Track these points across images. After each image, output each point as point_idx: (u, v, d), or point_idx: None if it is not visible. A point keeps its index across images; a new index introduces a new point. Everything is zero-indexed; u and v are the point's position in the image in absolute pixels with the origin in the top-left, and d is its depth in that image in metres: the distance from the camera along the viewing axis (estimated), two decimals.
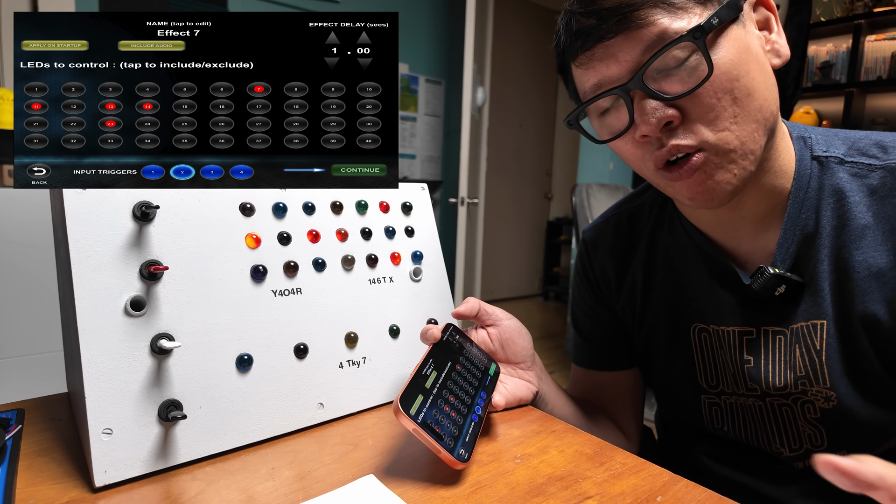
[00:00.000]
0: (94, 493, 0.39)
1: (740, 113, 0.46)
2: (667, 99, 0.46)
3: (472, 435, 0.44)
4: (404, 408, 0.40)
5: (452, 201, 2.76)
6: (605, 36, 0.46)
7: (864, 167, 0.50)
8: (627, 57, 0.46)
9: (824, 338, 0.51)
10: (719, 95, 0.45)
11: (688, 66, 0.45)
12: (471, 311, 0.56)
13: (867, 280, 0.48)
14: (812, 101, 3.32)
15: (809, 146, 0.53)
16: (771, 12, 0.50)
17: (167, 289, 0.44)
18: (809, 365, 0.52)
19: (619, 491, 0.41)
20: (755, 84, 0.46)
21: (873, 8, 3.09)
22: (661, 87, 0.46)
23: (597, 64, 0.48)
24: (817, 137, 0.54)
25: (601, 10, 0.46)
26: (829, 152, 0.52)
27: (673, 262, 0.62)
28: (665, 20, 0.44)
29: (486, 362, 0.54)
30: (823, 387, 0.52)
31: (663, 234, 0.64)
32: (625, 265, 0.67)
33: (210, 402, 0.44)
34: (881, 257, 0.48)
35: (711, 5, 0.45)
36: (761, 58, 0.48)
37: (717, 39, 0.45)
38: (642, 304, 0.65)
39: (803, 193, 0.52)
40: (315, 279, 0.52)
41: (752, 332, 0.56)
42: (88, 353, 0.39)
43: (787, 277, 0.51)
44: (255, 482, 0.41)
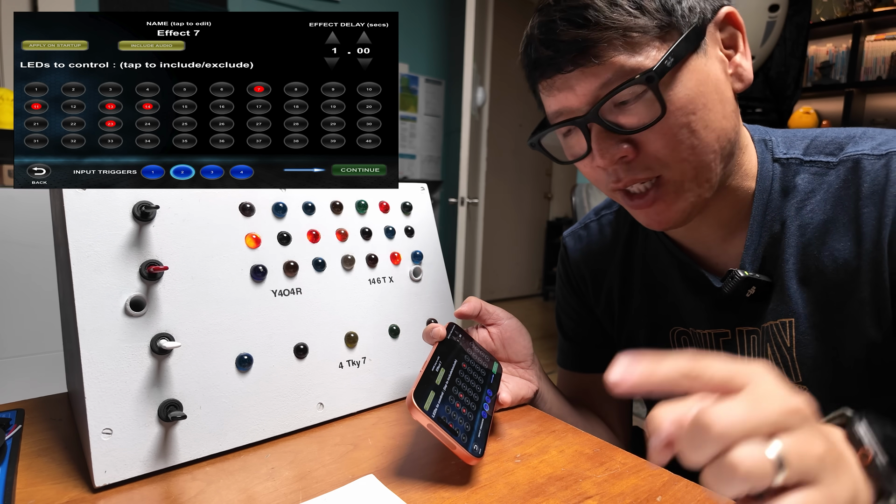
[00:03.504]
0: (93, 493, 0.39)
1: (698, 145, 0.47)
2: (623, 132, 0.46)
3: (483, 431, 0.44)
4: (419, 403, 0.40)
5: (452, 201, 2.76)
6: (564, 68, 0.47)
7: (823, 165, 0.51)
8: (584, 90, 0.47)
9: (793, 335, 0.52)
10: (675, 130, 0.46)
11: (644, 101, 0.45)
12: (473, 311, 0.56)
13: (836, 272, 0.49)
14: (812, 101, 3.32)
15: (770, 149, 0.54)
16: (739, 30, 0.49)
17: (167, 289, 0.44)
18: (781, 362, 0.53)
19: (618, 491, 0.41)
20: (712, 115, 0.47)
21: (873, 8, 3.09)
22: (618, 120, 0.47)
23: (556, 93, 0.49)
24: (777, 139, 0.54)
25: (559, 42, 0.46)
26: (788, 154, 0.53)
27: (649, 266, 0.63)
28: (622, 57, 0.44)
29: (489, 361, 0.54)
30: (795, 382, 0.53)
31: (639, 239, 0.65)
32: (602, 269, 0.68)
33: (210, 402, 0.44)
34: (845, 248, 0.49)
35: (671, 37, 0.45)
36: (721, 85, 0.48)
37: (675, 75, 0.45)
38: (621, 309, 0.67)
39: (766, 195, 0.53)
40: (315, 279, 0.52)
41: (727, 334, 0.57)
42: (88, 353, 0.39)
43: (756, 279, 0.52)
44: (255, 482, 0.41)
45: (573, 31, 0.45)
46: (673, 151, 0.47)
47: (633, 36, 0.44)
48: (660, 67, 0.44)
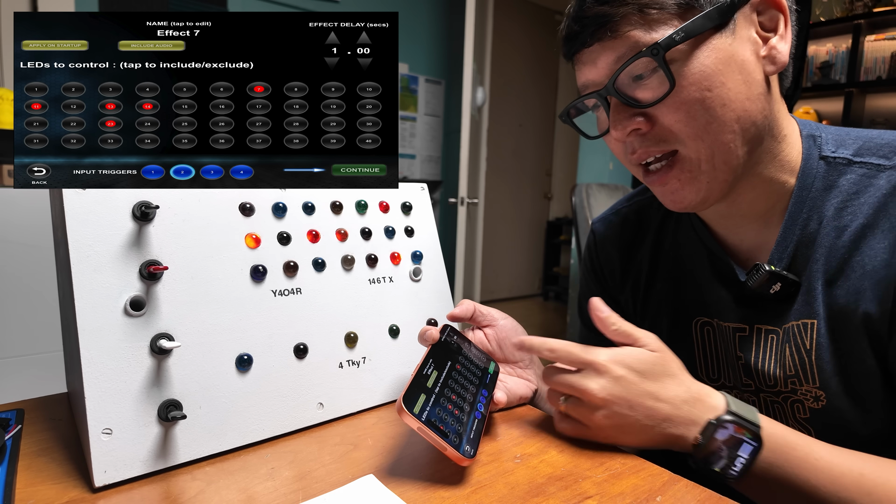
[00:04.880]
0: (93, 493, 0.39)
1: (713, 122, 0.47)
2: (639, 106, 0.48)
3: (476, 432, 0.44)
4: (408, 407, 0.40)
5: (452, 201, 2.76)
6: (587, 42, 0.49)
7: (874, 167, 0.50)
8: (604, 64, 0.49)
9: (814, 337, 0.51)
10: (688, 105, 0.46)
11: (658, 75, 0.46)
12: (465, 314, 0.56)
13: (861, 279, 0.48)
14: (812, 101, 3.32)
15: (819, 145, 0.53)
16: (781, 12, 0.49)
17: (167, 289, 0.44)
18: (799, 364, 0.52)
19: (618, 491, 0.41)
20: (733, 94, 0.46)
21: (873, 8, 3.08)
22: (634, 94, 0.48)
23: (582, 67, 0.52)
24: (828, 137, 0.53)
25: (585, 17, 0.49)
26: (837, 153, 0.52)
27: (679, 253, 0.63)
28: (638, 32, 0.46)
29: (486, 361, 0.54)
30: (813, 386, 0.52)
31: (671, 225, 0.64)
32: (631, 255, 0.68)
33: (210, 402, 0.44)
34: (877, 255, 0.48)
35: (692, 16, 0.45)
36: (749, 66, 0.47)
37: (691, 51, 0.46)
38: (645, 295, 0.66)
39: (807, 193, 0.52)
40: (315, 279, 0.52)
41: (744, 330, 0.56)
42: (88, 353, 0.39)
43: (783, 275, 0.51)
44: (254, 482, 0.41)
45: (597, 7, 0.47)
46: (686, 126, 0.47)
47: (651, 12, 0.46)
48: (666, 41, 0.44)
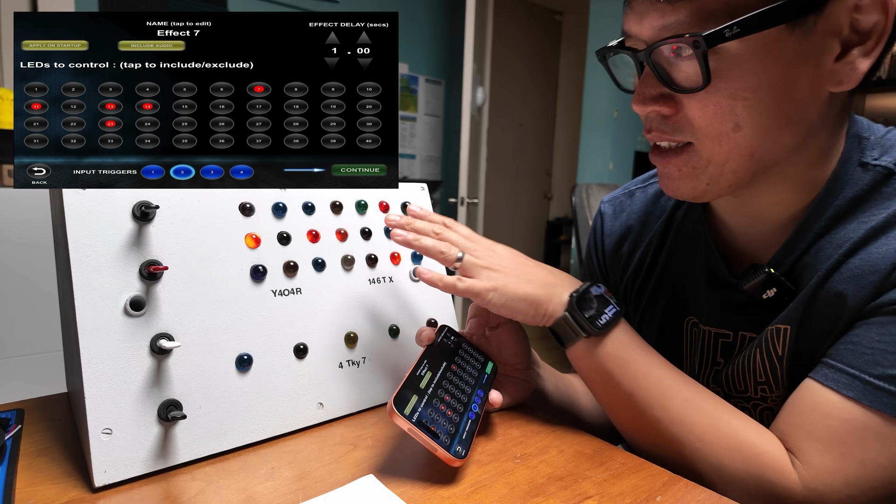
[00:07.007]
0: (93, 493, 0.39)
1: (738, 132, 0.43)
2: (669, 87, 0.44)
3: (469, 433, 0.44)
4: (398, 408, 0.40)
5: (452, 201, 2.76)
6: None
7: None
8: (649, 24, 0.43)
9: (787, 343, 0.48)
10: (719, 107, 0.43)
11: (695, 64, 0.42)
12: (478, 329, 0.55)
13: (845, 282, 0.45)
14: None
15: (862, 148, 0.48)
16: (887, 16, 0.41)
17: (167, 289, 0.44)
18: (770, 370, 0.50)
19: (618, 491, 0.41)
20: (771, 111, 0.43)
21: None
22: (669, 72, 0.44)
23: (631, 14, 0.46)
24: (875, 140, 0.48)
25: None
26: (880, 160, 0.47)
27: (682, 247, 0.60)
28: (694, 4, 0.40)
29: (483, 362, 0.54)
30: (784, 391, 0.49)
31: (681, 213, 0.61)
32: (638, 240, 0.65)
33: (210, 402, 0.44)
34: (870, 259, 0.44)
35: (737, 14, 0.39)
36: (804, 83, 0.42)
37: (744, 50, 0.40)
38: (642, 284, 0.64)
39: (832, 199, 0.47)
40: (315, 279, 0.52)
41: (728, 336, 0.54)
42: (88, 353, 0.39)
43: (780, 281, 0.48)
44: (254, 482, 0.41)
45: None
46: (709, 126, 0.44)
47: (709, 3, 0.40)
48: (713, 34, 0.39)
